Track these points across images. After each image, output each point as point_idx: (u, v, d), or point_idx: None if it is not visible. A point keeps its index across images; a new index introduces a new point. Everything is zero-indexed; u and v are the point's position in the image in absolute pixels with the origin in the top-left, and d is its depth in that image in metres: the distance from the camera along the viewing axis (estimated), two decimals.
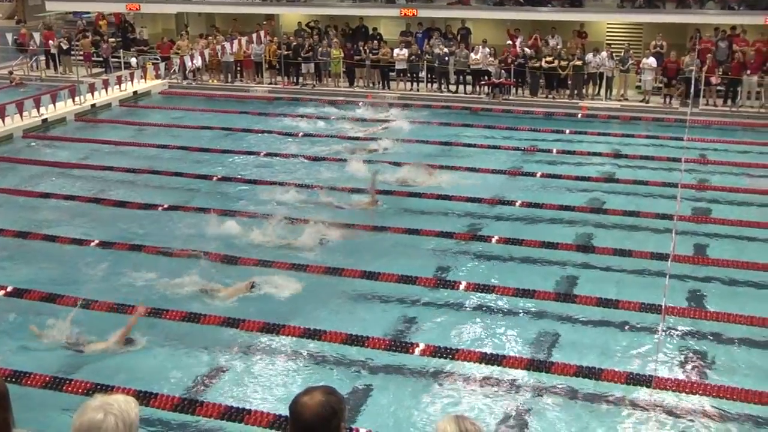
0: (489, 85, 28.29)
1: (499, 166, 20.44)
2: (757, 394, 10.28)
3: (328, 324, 12.08)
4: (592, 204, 17.72)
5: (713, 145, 22.60)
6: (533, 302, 12.99)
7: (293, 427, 3.72)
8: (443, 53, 28.96)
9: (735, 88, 26.79)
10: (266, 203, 17.74)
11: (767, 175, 19.90)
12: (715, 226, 16.40)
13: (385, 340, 11.66)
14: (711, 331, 12.19)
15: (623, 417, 10.06)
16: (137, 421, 3.46)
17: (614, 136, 23.99)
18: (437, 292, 13.40)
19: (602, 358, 11.37)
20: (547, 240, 15.30)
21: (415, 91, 29.46)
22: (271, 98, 29.22)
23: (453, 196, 17.99)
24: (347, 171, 20.05)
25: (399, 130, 24.21)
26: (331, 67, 30.02)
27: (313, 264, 14.26)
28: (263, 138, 23.62)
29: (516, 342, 11.90)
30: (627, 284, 13.77)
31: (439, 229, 15.96)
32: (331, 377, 10.83)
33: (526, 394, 10.55)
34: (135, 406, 3.49)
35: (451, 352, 11.28)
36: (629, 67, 27.66)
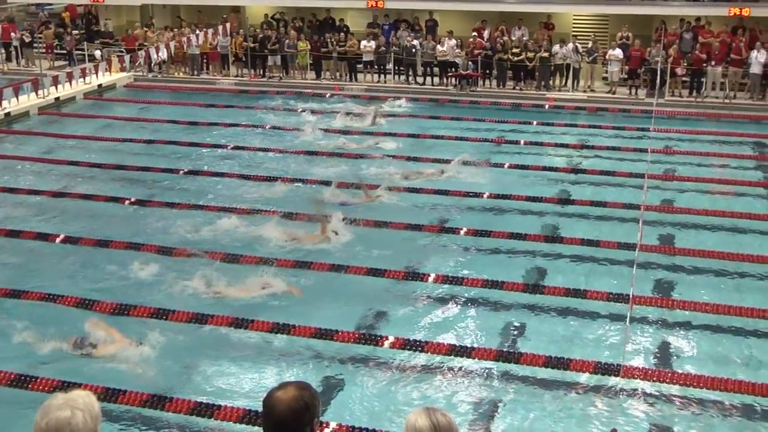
0: (456, 77, 28.34)
1: (466, 158, 20.44)
2: (723, 381, 10.41)
3: (297, 318, 12.05)
4: (559, 195, 17.81)
5: (679, 136, 22.81)
6: (502, 293, 13.03)
7: (265, 422, 3.70)
8: (410, 45, 28.95)
9: (699, 79, 27.05)
10: (234, 197, 17.65)
11: (731, 165, 20.16)
12: (681, 216, 16.57)
13: (355, 333, 11.65)
14: (678, 319, 12.32)
15: (592, 406, 10.14)
16: (100, 414, 3.45)
17: (581, 127, 24.16)
18: (406, 284, 13.40)
19: (571, 348, 11.45)
20: (515, 231, 15.37)
21: (383, 83, 29.43)
22: (237, 91, 29.05)
23: (421, 188, 18.01)
24: (315, 165, 20.01)
25: (367, 123, 24.16)
26: (298, 59, 29.89)
27: (281, 258, 14.21)
28: (230, 131, 23.49)
29: (485, 333, 11.94)
30: (595, 274, 13.88)
31: (408, 221, 15.97)
32: (300, 371, 10.80)
33: (496, 385, 10.59)
34: (96, 399, 3.49)
35: (420, 345, 11.30)
36: (596, 59, 27.82)
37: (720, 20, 28.29)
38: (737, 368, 11.01)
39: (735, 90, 26.80)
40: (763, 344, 11.72)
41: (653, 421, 9.88)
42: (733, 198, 17.73)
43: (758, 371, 10.93)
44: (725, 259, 14.28)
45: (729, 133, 23.10)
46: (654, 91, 24.11)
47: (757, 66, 25.97)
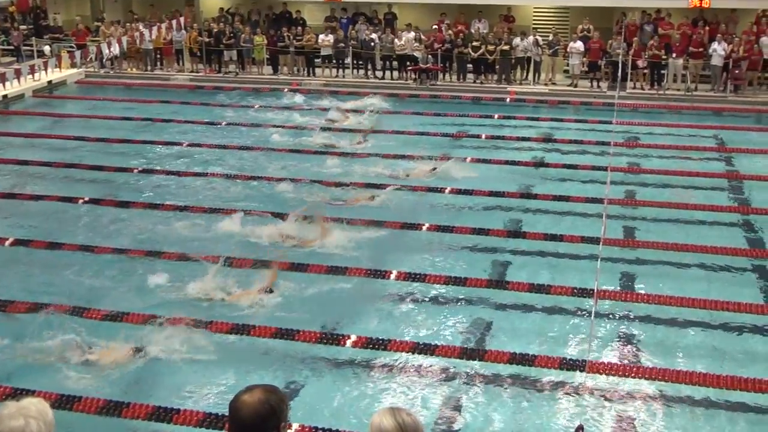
0: (416, 71, 28.38)
1: (427, 153, 20.49)
2: (688, 374, 10.52)
3: (257, 319, 11.98)
4: (522, 189, 17.90)
5: (641, 129, 23.06)
6: (465, 290, 13.05)
7: (232, 426, 3.70)
8: (369, 39, 28.96)
9: (660, 72, 27.36)
10: (190, 195, 17.51)
11: (693, 157, 20.42)
12: (644, 209, 16.75)
13: (316, 333, 11.59)
14: (643, 313, 12.43)
15: (558, 403, 10.19)
16: (54, 422, 3.40)
17: (543, 121, 24.36)
18: (367, 282, 13.37)
19: (536, 344, 11.50)
20: (477, 226, 15.42)
21: (341, 78, 29.38)
22: (192, 87, 28.84)
23: (382, 184, 17.99)
24: (275, 162, 19.93)
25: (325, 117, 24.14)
26: (254, 54, 29.74)
27: (239, 258, 14.12)
28: (186, 128, 23.30)
29: (448, 330, 11.95)
30: (559, 269, 13.97)
31: (370, 218, 15.95)
32: (261, 373, 10.72)
33: (460, 383, 10.61)
34: (49, 407, 3.44)
35: (383, 343, 11.27)
36: (557, 51, 28.03)
37: (680, 12, 28.67)
38: (703, 361, 11.13)
39: (696, 82, 27.16)
40: (728, 337, 11.86)
41: (620, 416, 9.95)
42: (696, 190, 17.95)
43: (724, 364, 11.07)
44: (689, 252, 14.45)
45: (691, 125, 23.40)
46: (615, 84, 24.36)
47: (718, 58, 26.36)
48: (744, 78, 26.55)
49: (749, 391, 10.21)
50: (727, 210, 16.85)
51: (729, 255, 14.40)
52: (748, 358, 11.31)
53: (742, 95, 26.46)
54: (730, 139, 22.38)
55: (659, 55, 27.01)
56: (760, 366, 11.00)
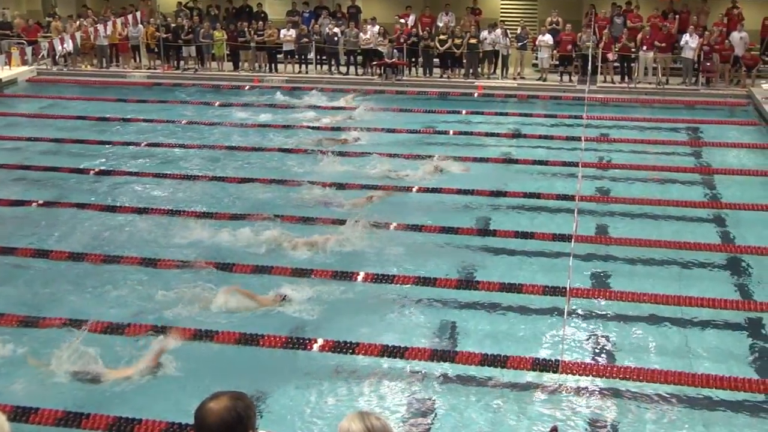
0: (381, 66, 28.39)
1: (393, 150, 20.52)
2: (663, 373, 10.61)
3: (220, 324, 11.91)
4: (491, 186, 17.93)
5: (612, 123, 23.24)
6: (434, 290, 13.05)
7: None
8: (332, 33, 28.92)
9: (630, 65, 27.60)
10: (149, 197, 17.39)
11: (665, 151, 20.63)
12: (616, 205, 16.89)
13: (282, 337, 11.55)
14: (617, 311, 12.51)
15: (531, 404, 10.22)
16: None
17: (512, 116, 24.48)
18: (333, 283, 13.34)
19: (507, 344, 11.54)
20: (446, 225, 15.45)
21: (304, 74, 29.32)
22: (150, 84, 28.64)
23: (347, 183, 17.96)
24: (238, 160, 19.85)
25: (292, 115, 24.09)
26: (214, 49, 29.59)
27: (198, 260, 14.03)
28: (144, 127, 23.13)
29: (418, 332, 11.94)
30: (530, 267, 14.02)
31: (334, 217, 15.93)
32: (223, 381, 10.62)
33: (431, 386, 10.61)
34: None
35: (350, 347, 11.25)
36: (525, 45, 28.17)
37: (651, 3, 28.94)
38: (678, 360, 11.23)
39: (667, 75, 27.43)
40: (704, 334, 11.98)
41: (594, 416, 10.01)
42: (669, 185, 18.14)
43: (699, 362, 11.18)
44: (662, 248, 14.57)
45: (663, 119, 23.64)
46: (585, 77, 24.55)
47: (689, 51, 26.62)
48: (716, 71, 26.84)
49: (725, 389, 10.31)
50: (701, 205, 17.02)
51: (703, 251, 14.55)
52: (724, 355, 11.42)
53: (714, 88, 26.75)
54: (702, 132, 22.64)
55: (629, 47, 27.25)
56: (736, 364, 11.13)
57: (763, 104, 23.98)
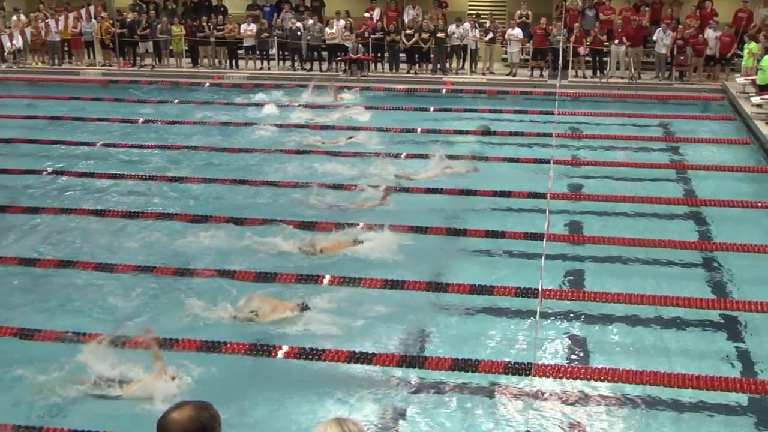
0: (346, 61, 28.36)
1: (359, 149, 20.51)
2: (638, 374, 10.69)
3: (181, 332, 11.82)
4: (461, 185, 17.97)
5: (584, 119, 23.38)
6: (403, 293, 13.04)
7: None
8: (295, 28, 28.84)
9: (602, 59, 27.78)
10: (106, 199, 17.25)
11: (639, 147, 20.79)
12: (589, 203, 16.99)
13: (246, 344, 11.48)
14: (590, 312, 12.59)
15: (504, 409, 10.26)
16: None
17: (481, 112, 24.56)
18: (298, 288, 13.29)
19: (479, 348, 11.56)
20: (415, 225, 15.44)
21: (266, 70, 29.23)
22: (105, 81, 28.42)
23: (310, 183, 17.92)
24: (190, 160, 19.83)
25: (260, 113, 24.05)
26: (172, 45, 29.41)
27: (159, 266, 13.94)
28: (99, 127, 22.94)
29: (386, 337, 11.92)
30: (501, 268, 14.06)
31: (297, 219, 15.89)
32: (189, 391, 10.54)
33: (402, 392, 10.61)
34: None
35: (317, 353, 11.22)
36: (494, 39, 28.26)
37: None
38: (654, 360, 11.31)
39: (639, 69, 27.62)
40: (680, 334, 12.09)
41: (568, 420, 10.06)
42: (642, 182, 18.28)
43: (675, 362, 11.27)
44: (637, 246, 14.68)
45: (635, 114, 23.82)
46: (556, 72, 24.66)
47: (663, 46, 26.81)
48: (689, 65, 27.08)
49: (702, 389, 10.41)
50: (676, 202, 17.17)
51: (678, 248, 14.68)
52: (701, 355, 11.53)
53: (688, 82, 27.00)
54: (676, 128, 22.85)
55: (602, 41, 27.42)
56: (711, 363, 11.24)
57: (738, 99, 24.23)
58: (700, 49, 26.72)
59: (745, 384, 10.59)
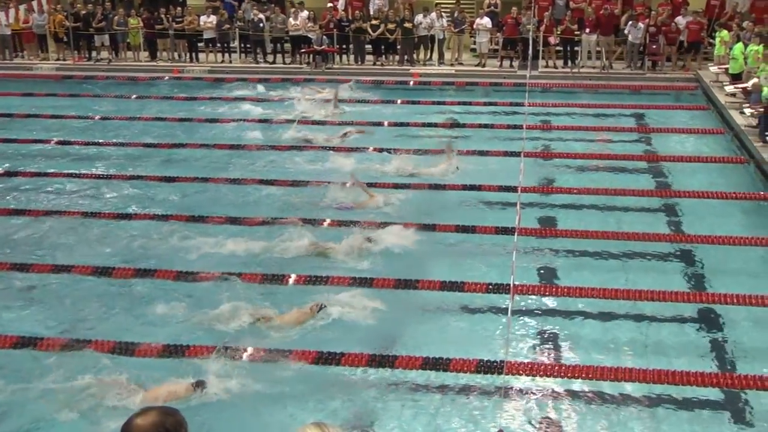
0: (310, 53, 28.29)
1: (323, 143, 20.49)
2: (614, 370, 10.76)
3: (136, 335, 11.77)
4: (429, 179, 17.98)
5: (555, 110, 23.47)
6: (371, 291, 13.01)
7: None
8: (257, 19, 28.72)
9: (573, 48, 27.90)
10: (61, 199, 17.12)
11: (612, 138, 20.93)
12: (561, 196, 17.08)
13: (210, 347, 11.41)
14: (564, 307, 12.66)
15: (476, 408, 10.28)
16: None
17: (450, 105, 24.59)
18: (262, 287, 13.25)
19: (450, 346, 11.55)
20: (383, 221, 15.44)
21: (228, 63, 29.09)
22: (59, 77, 28.16)
23: (274, 180, 17.88)
24: (147, 158, 19.77)
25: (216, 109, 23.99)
26: (129, 38, 29.19)
27: (119, 267, 13.85)
28: (53, 123, 22.74)
29: (355, 337, 11.88)
30: (472, 264, 14.07)
31: (264, 216, 15.84)
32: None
33: (372, 392, 10.61)
34: None
35: (284, 354, 11.18)
36: (463, 29, 28.30)
37: None
38: (629, 356, 11.40)
39: (611, 59, 27.77)
40: (655, 328, 12.18)
41: (542, 418, 10.11)
42: (615, 174, 18.39)
43: (651, 357, 11.36)
44: (611, 239, 14.78)
45: (607, 105, 23.96)
46: (526, 62, 24.73)
47: (635, 36, 26.94)
48: (662, 54, 27.27)
49: (678, 385, 10.50)
50: (649, 194, 17.30)
51: (652, 241, 14.80)
52: (677, 350, 11.63)
53: (661, 72, 27.19)
54: (649, 118, 23.01)
55: (573, 30, 27.54)
56: (688, 358, 11.33)
57: (712, 88, 24.44)
58: (672, 37, 26.91)
59: (722, 379, 10.72)
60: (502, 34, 27.99)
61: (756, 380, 10.56)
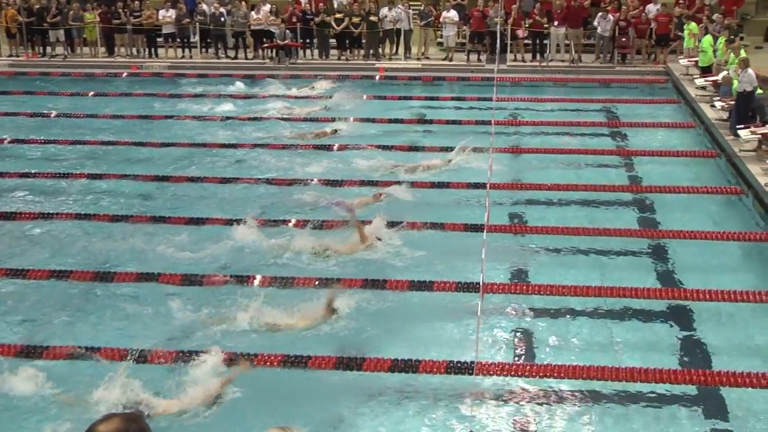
0: (273, 48, 28.20)
1: (290, 141, 20.46)
2: (585, 368, 10.81)
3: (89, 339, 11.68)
4: (396, 176, 17.94)
5: (524, 104, 23.57)
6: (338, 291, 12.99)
7: None
8: (218, 13, 28.58)
9: (542, 42, 28.01)
10: (11, 199, 17.00)
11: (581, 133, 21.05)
12: (531, 192, 17.14)
13: (171, 351, 11.32)
14: (535, 306, 12.70)
15: (447, 410, 10.29)
16: None
17: (417, 100, 24.61)
18: (224, 289, 13.19)
19: (419, 348, 11.55)
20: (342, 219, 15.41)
21: (188, 59, 28.92)
22: (12, 73, 27.89)
23: (237, 178, 17.83)
24: (116, 154, 19.64)
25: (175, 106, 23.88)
26: (85, 33, 28.95)
27: (78, 270, 13.73)
28: (6, 121, 22.53)
29: (322, 339, 11.84)
30: (441, 262, 14.07)
31: (225, 217, 15.80)
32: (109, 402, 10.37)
33: (339, 396, 10.58)
34: None
35: (249, 358, 11.14)
36: (430, 23, 28.32)
37: None
38: (601, 354, 11.47)
39: (580, 52, 27.90)
40: (626, 325, 12.27)
41: (513, 419, 10.14)
42: (585, 169, 18.49)
43: (623, 355, 11.44)
44: (581, 235, 14.87)
45: (577, 99, 24.09)
46: (494, 56, 24.80)
47: (603, 27, 27.10)
48: (632, 47, 27.45)
49: (650, 382, 10.57)
50: (621, 189, 17.42)
51: (623, 236, 14.90)
52: (649, 347, 11.72)
53: (631, 65, 27.38)
54: (619, 112, 23.17)
55: (541, 23, 27.63)
56: (660, 355, 11.42)
57: (682, 81, 24.65)
58: (642, 29, 27.10)
59: (694, 375, 10.79)
60: (469, 28, 28.05)
61: (729, 377, 10.64)
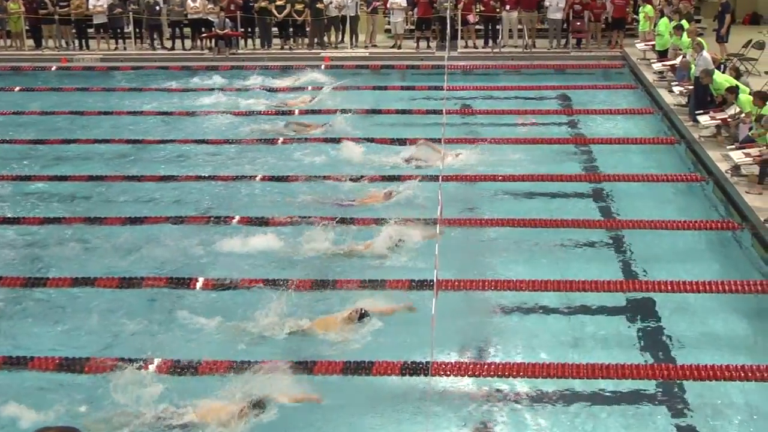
0: (212, 38, 28.06)
1: (233, 135, 20.38)
2: (545, 366, 10.91)
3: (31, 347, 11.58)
4: (345, 171, 17.96)
5: (476, 93, 23.67)
6: (286, 293, 12.93)
7: None
8: (153, 1, 28.37)
9: (494, 27, 28.13)
10: None
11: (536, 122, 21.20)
12: (485, 183, 17.23)
13: (112, 359, 11.25)
14: (492, 302, 12.77)
15: (403, 412, 10.30)
16: None
17: (365, 89, 24.56)
18: (172, 292, 13.14)
19: (373, 349, 11.56)
20: (296, 215, 15.43)
21: (122, 50, 28.68)
22: None
23: (178, 176, 17.76)
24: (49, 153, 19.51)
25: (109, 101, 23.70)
26: (10, 25, 28.58)
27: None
28: None
29: (267, 342, 11.84)
30: (393, 258, 14.07)
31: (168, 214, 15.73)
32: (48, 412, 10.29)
33: (290, 401, 10.55)
34: None
35: (191, 366, 11.09)
36: (376, 9, 28.33)
37: None
38: (561, 350, 11.56)
39: (534, 37, 28.07)
40: (587, 320, 12.39)
41: (471, 420, 10.19)
42: (542, 158, 18.61)
43: (583, 350, 11.54)
44: (539, 227, 14.99)
45: (532, 86, 24.25)
46: (445, 43, 24.87)
47: (557, 11, 27.27)
48: (587, 31, 27.67)
49: (612, 378, 10.68)
50: (578, 179, 17.57)
51: (582, 228, 15.03)
52: (611, 341, 11.84)
53: (586, 50, 27.60)
54: (575, 99, 23.35)
55: (493, 7, 27.75)
56: (622, 350, 11.56)
57: (639, 66, 24.91)
58: (598, 13, 27.34)
59: (657, 370, 10.92)
60: (416, 14, 28.08)
61: (692, 370, 10.78)
